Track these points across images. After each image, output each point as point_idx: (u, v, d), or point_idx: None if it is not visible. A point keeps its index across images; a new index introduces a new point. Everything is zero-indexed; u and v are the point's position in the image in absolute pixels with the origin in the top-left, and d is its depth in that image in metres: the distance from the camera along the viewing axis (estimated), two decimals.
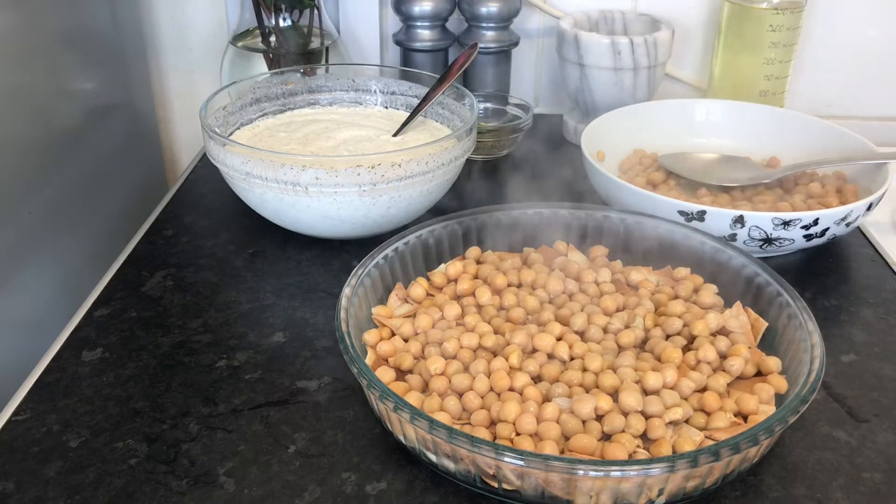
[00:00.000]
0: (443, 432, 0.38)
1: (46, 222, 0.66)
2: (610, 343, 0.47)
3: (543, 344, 0.46)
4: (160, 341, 0.52)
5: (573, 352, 0.46)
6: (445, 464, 0.40)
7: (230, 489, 0.41)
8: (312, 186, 0.55)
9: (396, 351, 0.47)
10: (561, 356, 0.46)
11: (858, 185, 0.65)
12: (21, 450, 0.43)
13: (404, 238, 0.53)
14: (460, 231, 0.56)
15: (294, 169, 0.55)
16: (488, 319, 0.49)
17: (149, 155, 0.89)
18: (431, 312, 0.49)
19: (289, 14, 0.76)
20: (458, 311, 0.49)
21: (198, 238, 0.63)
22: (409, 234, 0.53)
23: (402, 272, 0.53)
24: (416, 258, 0.54)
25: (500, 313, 0.50)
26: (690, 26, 0.86)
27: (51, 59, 0.67)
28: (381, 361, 0.47)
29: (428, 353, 0.47)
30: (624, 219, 0.56)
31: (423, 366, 0.45)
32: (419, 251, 0.54)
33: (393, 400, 0.39)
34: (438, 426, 0.38)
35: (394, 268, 0.52)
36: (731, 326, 0.48)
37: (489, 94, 0.81)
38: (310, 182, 0.55)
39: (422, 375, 0.45)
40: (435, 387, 0.44)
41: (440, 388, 0.44)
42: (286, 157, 0.55)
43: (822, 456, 0.44)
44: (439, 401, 0.43)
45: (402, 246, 0.53)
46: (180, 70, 0.91)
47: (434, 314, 0.49)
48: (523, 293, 0.51)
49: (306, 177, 0.55)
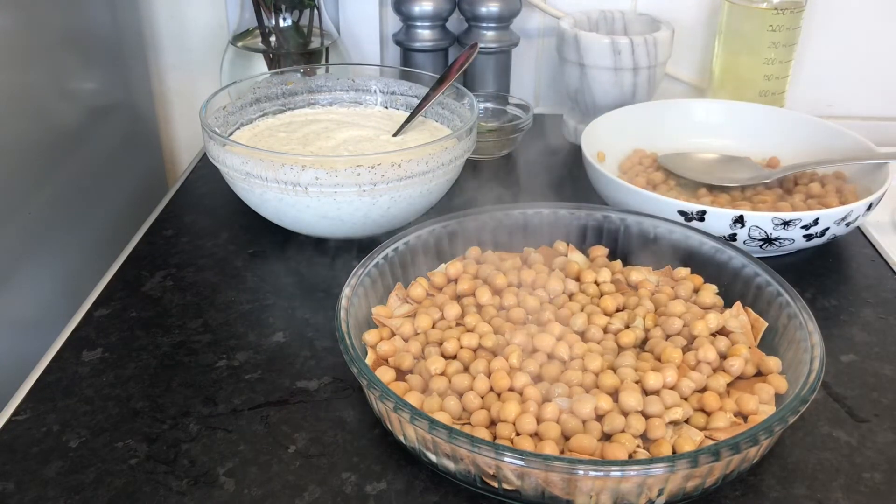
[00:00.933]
0: (443, 432, 0.38)
1: (46, 222, 0.66)
2: (610, 343, 0.47)
3: (543, 344, 0.46)
4: (160, 341, 0.52)
5: (573, 352, 0.46)
6: (445, 464, 0.40)
7: (230, 489, 0.41)
8: (312, 186, 0.55)
9: (396, 351, 0.47)
10: (561, 356, 0.46)
11: (858, 185, 0.65)
12: (21, 450, 0.43)
13: (404, 238, 0.53)
14: (460, 231, 0.56)
15: (294, 169, 0.55)
16: (488, 319, 0.49)
17: (149, 155, 0.89)
18: (431, 312, 0.49)
19: (289, 14, 0.76)
20: (459, 311, 0.49)
21: (198, 238, 0.63)
22: (409, 234, 0.53)
23: (402, 272, 0.53)
24: (415, 258, 0.54)
25: (500, 313, 0.50)
26: (690, 26, 0.86)
27: (51, 59, 0.67)
28: (381, 361, 0.47)
29: (428, 353, 0.47)
30: (624, 219, 0.56)
31: (423, 366, 0.45)
32: (419, 251, 0.54)
33: (393, 400, 0.39)
34: (438, 426, 0.38)
35: (394, 268, 0.52)
36: (731, 326, 0.48)
37: (489, 94, 0.81)
38: (310, 182, 0.55)
39: (422, 375, 0.45)
40: (435, 387, 0.44)
41: (440, 388, 0.44)
42: (286, 157, 0.55)
43: (822, 456, 0.44)
44: (439, 401, 0.43)
45: (402, 246, 0.53)
46: (180, 70, 0.91)
47: (434, 314, 0.49)
48: (523, 293, 0.51)
49: (306, 177, 0.55)
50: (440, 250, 0.55)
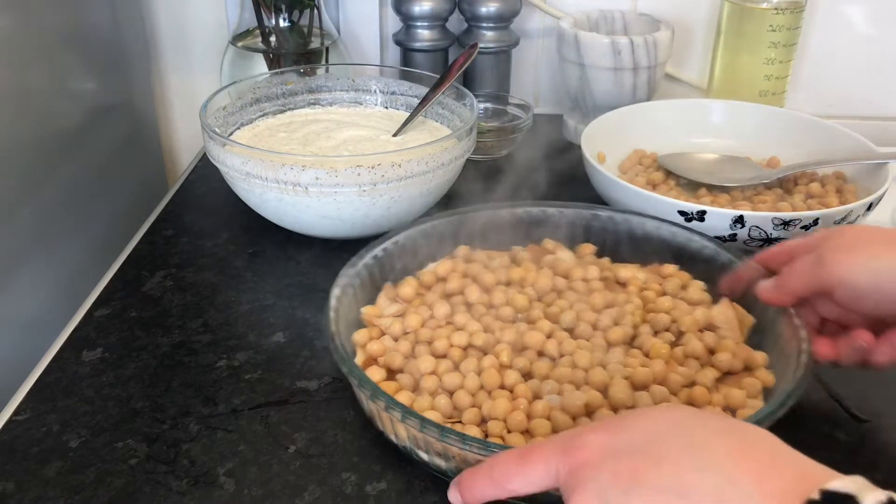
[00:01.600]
0: (434, 430, 0.38)
1: (47, 222, 0.66)
2: (599, 340, 0.47)
3: (533, 341, 0.46)
4: (160, 341, 0.52)
5: (563, 349, 0.46)
6: (437, 462, 0.40)
7: (230, 489, 0.41)
8: (312, 186, 0.55)
9: (386, 350, 0.47)
10: (551, 353, 0.46)
11: (858, 185, 0.65)
12: (21, 450, 0.43)
13: (393, 238, 0.52)
14: (449, 230, 0.55)
15: (294, 169, 0.55)
16: (478, 318, 0.49)
17: (149, 155, 0.89)
18: (421, 311, 0.49)
19: (289, 14, 0.76)
20: (448, 309, 0.49)
21: (198, 238, 0.63)
22: (398, 234, 0.53)
23: (391, 272, 0.53)
24: (404, 257, 0.53)
25: (489, 311, 0.50)
26: (690, 26, 0.86)
27: (51, 60, 0.67)
28: (371, 361, 0.47)
29: (418, 352, 0.47)
30: (624, 219, 0.56)
31: (413, 365, 0.45)
32: (408, 251, 0.53)
33: (384, 400, 0.39)
34: (430, 425, 0.38)
35: (383, 267, 0.52)
36: (718, 322, 0.49)
37: (489, 94, 0.81)
38: (310, 182, 0.55)
39: (412, 374, 0.45)
40: (426, 386, 0.44)
41: (431, 386, 0.44)
42: (286, 157, 0.55)
43: (822, 456, 0.43)
44: (430, 399, 0.43)
45: (390, 246, 0.52)
46: (180, 70, 0.91)
47: (423, 313, 0.49)
48: (512, 291, 0.51)
49: (306, 177, 0.55)
50: (430, 250, 0.55)
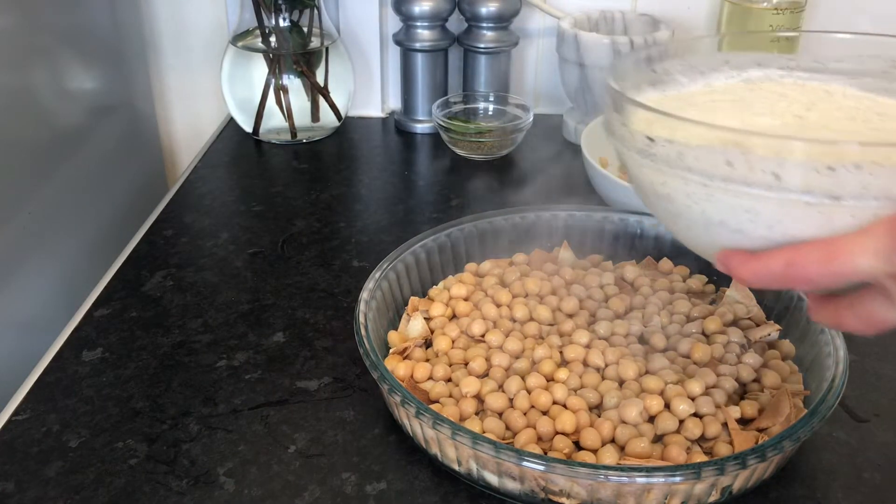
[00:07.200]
0: (513, 455, 0.37)
1: (46, 222, 0.66)
2: (636, 346, 0.47)
3: (574, 354, 0.46)
4: (160, 341, 0.52)
5: (607, 358, 0.45)
6: (508, 485, 0.39)
7: (230, 489, 0.41)
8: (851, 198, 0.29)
9: (423, 375, 0.45)
10: (596, 364, 0.45)
11: None
12: (21, 450, 0.43)
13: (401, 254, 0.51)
14: (449, 244, 0.54)
15: None
16: (507, 333, 0.48)
17: (149, 155, 0.89)
18: (448, 331, 0.48)
19: (289, 14, 0.76)
20: (482, 327, 0.48)
21: (198, 238, 0.63)
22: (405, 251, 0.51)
23: (403, 291, 0.52)
24: (411, 275, 0.52)
25: (514, 325, 0.49)
26: (690, 26, 0.86)
27: (51, 59, 0.67)
28: (411, 387, 0.45)
29: (457, 377, 0.45)
30: (624, 219, 0.56)
31: (450, 388, 0.44)
32: (415, 268, 0.52)
33: (449, 427, 0.38)
34: (507, 450, 0.37)
35: (392, 286, 0.51)
36: (736, 297, 0.50)
37: (489, 94, 0.81)
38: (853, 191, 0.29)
39: (454, 396, 0.44)
40: (469, 409, 0.43)
41: (472, 409, 0.43)
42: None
43: (822, 456, 0.44)
44: (479, 422, 0.42)
45: (399, 264, 0.51)
46: (180, 70, 0.90)
47: (451, 332, 0.48)
48: (533, 302, 0.50)
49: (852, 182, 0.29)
50: (437, 265, 0.54)
